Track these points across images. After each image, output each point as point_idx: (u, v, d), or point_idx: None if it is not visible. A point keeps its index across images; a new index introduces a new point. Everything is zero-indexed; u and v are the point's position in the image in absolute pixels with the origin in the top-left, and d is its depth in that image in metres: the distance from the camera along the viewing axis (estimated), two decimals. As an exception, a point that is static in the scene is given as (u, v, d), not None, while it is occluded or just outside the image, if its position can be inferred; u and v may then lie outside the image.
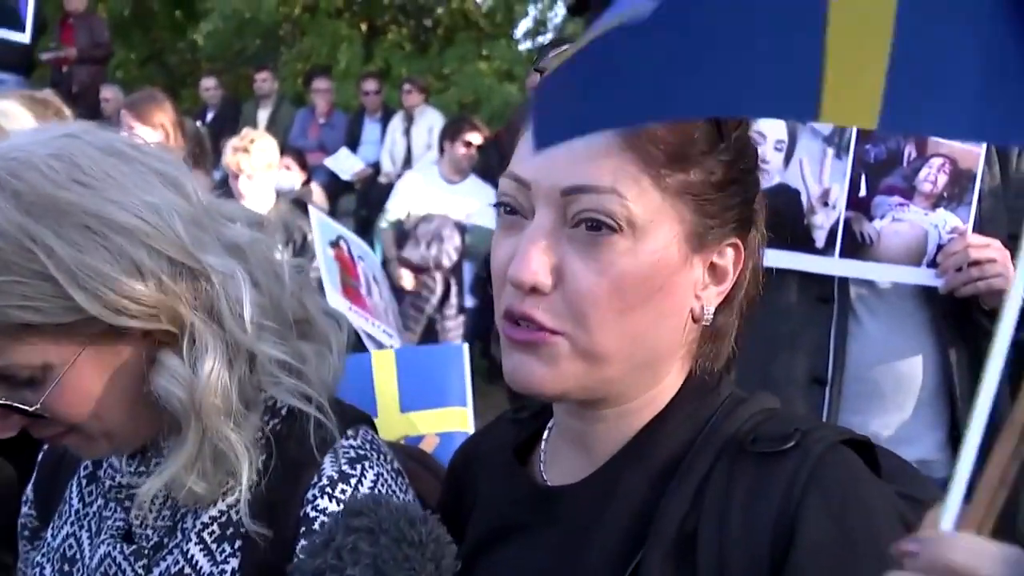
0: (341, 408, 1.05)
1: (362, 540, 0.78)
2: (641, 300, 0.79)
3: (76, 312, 0.87)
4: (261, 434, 0.99)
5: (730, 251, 0.84)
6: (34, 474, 1.18)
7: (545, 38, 13.19)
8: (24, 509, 1.18)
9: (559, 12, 12.84)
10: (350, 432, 1.02)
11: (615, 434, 0.86)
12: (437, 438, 1.67)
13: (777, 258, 1.79)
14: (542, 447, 0.95)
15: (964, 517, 0.56)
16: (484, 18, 12.79)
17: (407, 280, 4.90)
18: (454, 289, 4.94)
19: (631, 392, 0.85)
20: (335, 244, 2.69)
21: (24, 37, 2.83)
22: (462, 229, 4.97)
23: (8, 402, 0.91)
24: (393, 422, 1.65)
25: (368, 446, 1.02)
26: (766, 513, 0.76)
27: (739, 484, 0.78)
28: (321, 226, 2.68)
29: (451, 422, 1.72)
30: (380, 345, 2.52)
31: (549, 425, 0.96)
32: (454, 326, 4.92)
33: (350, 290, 2.61)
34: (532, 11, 13.01)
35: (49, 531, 1.11)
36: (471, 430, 1.72)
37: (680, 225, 0.80)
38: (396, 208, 5.31)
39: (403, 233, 5.01)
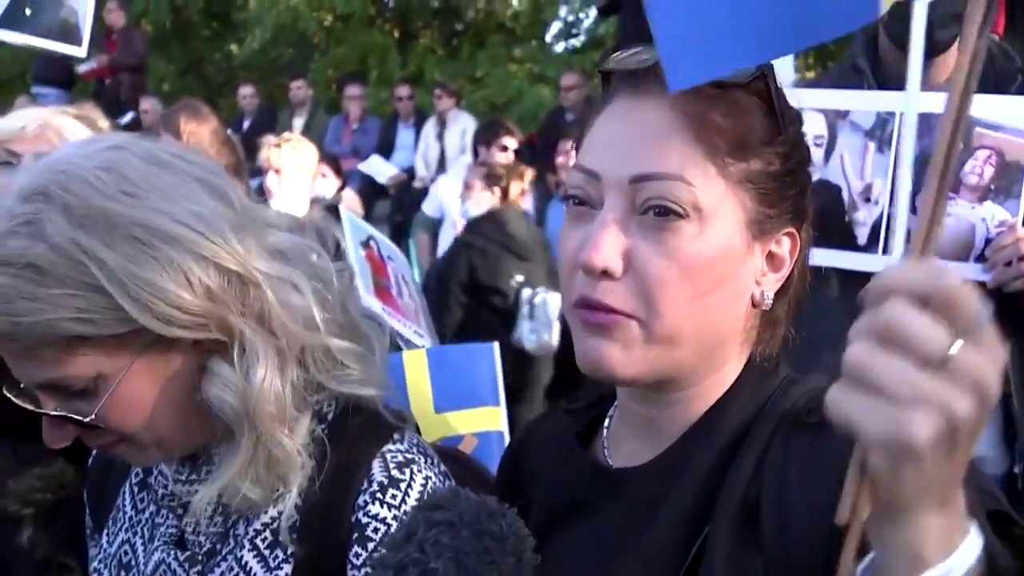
0: (386, 412, 1.05)
1: (443, 533, 0.78)
2: (709, 284, 0.82)
3: (128, 323, 0.88)
4: (310, 439, 1.00)
5: (787, 240, 0.87)
6: (87, 481, 1.20)
7: (577, 40, 13.19)
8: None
9: (590, 14, 12.82)
10: (396, 436, 1.02)
11: (682, 417, 0.89)
12: (475, 439, 1.67)
13: (819, 256, 1.75)
14: (604, 434, 0.97)
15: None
16: (514, 21, 12.81)
17: None
18: None
19: (697, 375, 0.88)
20: (366, 244, 2.70)
21: (81, 51, 2.91)
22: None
23: (63, 413, 0.92)
24: (430, 423, 1.66)
25: (415, 449, 1.03)
26: (825, 480, 0.75)
27: (796, 454, 0.81)
28: (352, 226, 2.68)
29: (485, 421, 1.72)
30: (412, 346, 2.52)
31: (610, 413, 0.98)
32: None
33: (381, 290, 2.62)
34: (563, 12, 13.01)
35: (104, 537, 1.13)
36: (504, 429, 1.73)
37: (743, 212, 0.84)
38: (430, 211, 5.31)
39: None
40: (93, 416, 0.91)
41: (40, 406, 0.93)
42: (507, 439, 1.72)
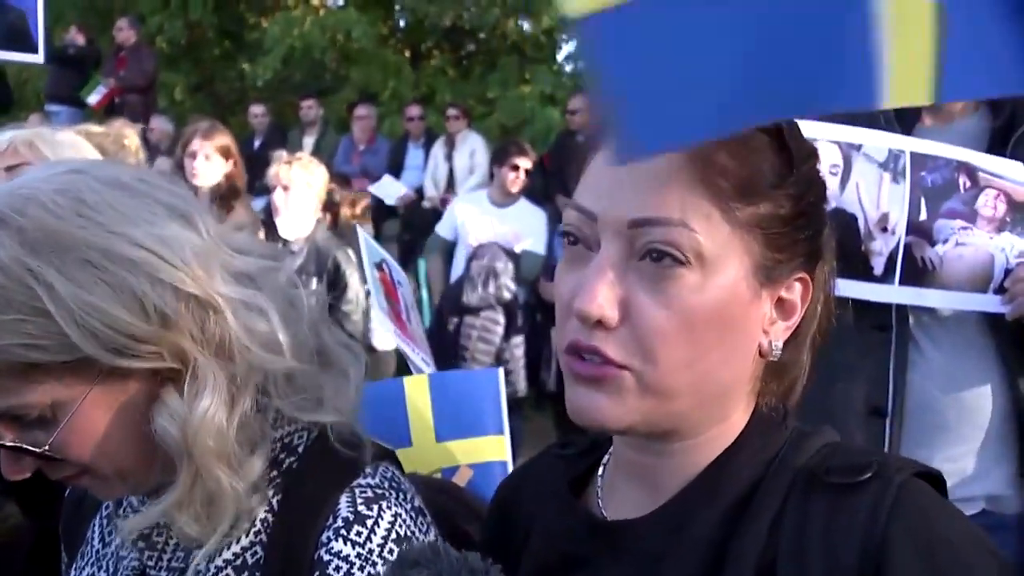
0: (360, 442, 1.02)
1: None
2: (710, 335, 0.78)
3: (77, 351, 0.86)
4: (276, 472, 0.97)
5: (798, 285, 0.82)
6: (61, 515, 1.17)
7: (587, 62, 13.20)
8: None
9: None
10: (368, 470, 0.99)
11: (682, 469, 0.84)
12: (471, 470, 1.63)
13: (836, 287, 1.73)
14: (598, 483, 0.93)
15: None
16: (526, 43, 12.86)
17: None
18: (518, 316, 4.88)
19: (698, 427, 0.83)
20: (379, 267, 2.69)
21: (38, 58, 2.87)
22: (514, 257, 4.92)
23: (17, 443, 0.89)
24: (430, 452, 1.61)
25: (387, 484, 0.99)
26: (848, 546, 0.74)
27: (815, 517, 0.77)
28: (368, 248, 2.67)
29: (488, 451, 1.67)
30: (419, 371, 2.50)
31: (604, 461, 0.94)
32: (520, 354, 4.87)
33: (394, 313, 2.60)
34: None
35: (73, 571, 1.10)
36: (508, 459, 1.69)
37: (749, 259, 0.78)
38: (445, 232, 5.30)
39: (458, 282, 4.96)
40: (48, 446, 0.88)
41: None
42: (511, 469, 1.69)
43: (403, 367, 2.69)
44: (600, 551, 0.86)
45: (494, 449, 1.67)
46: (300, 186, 3.92)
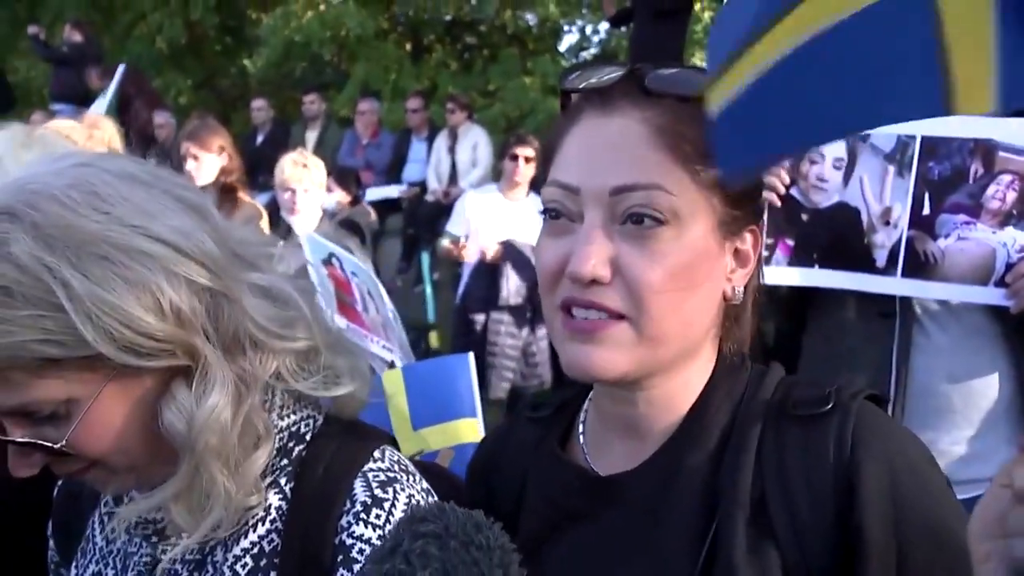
0: (364, 429, 1.03)
1: (431, 544, 0.77)
2: (690, 284, 0.87)
3: (92, 347, 0.85)
4: (287, 461, 0.98)
5: (749, 236, 0.93)
6: (52, 510, 1.16)
7: (588, 53, 13.20)
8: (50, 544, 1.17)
9: (601, 28, 12.84)
10: (376, 454, 1.00)
11: (664, 417, 0.93)
12: (452, 451, 1.67)
13: (837, 279, 1.74)
14: (580, 440, 0.99)
15: None
16: (528, 35, 12.84)
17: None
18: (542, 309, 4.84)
19: (675, 370, 0.91)
20: (327, 262, 2.67)
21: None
22: (519, 259, 4.90)
23: (32, 439, 0.88)
24: (407, 441, 1.65)
25: (397, 467, 1.00)
26: (823, 470, 0.84)
27: (791, 449, 0.86)
28: (312, 245, 2.66)
29: (463, 434, 1.72)
30: (379, 361, 2.51)
31: (581, 418, 1.01)
32: (545, 346, 4.85)
33: (345, 308, 2.59)
34: (577, 24, 13.03)
35: (73, 569, 1.09)
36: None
37: (713, 215, 0.88)
38: (456, 229, 5.29)
39: (479, 280, 4.94)
40: (64, 442, 0.88)
41: (6, 434, 0.89)
42: None
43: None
44: (598, 505, 0.93)
45: (468, 431, 1.72)
46: (313, 187, 3.95)
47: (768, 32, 0.62)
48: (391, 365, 2.46)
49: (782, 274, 1.77)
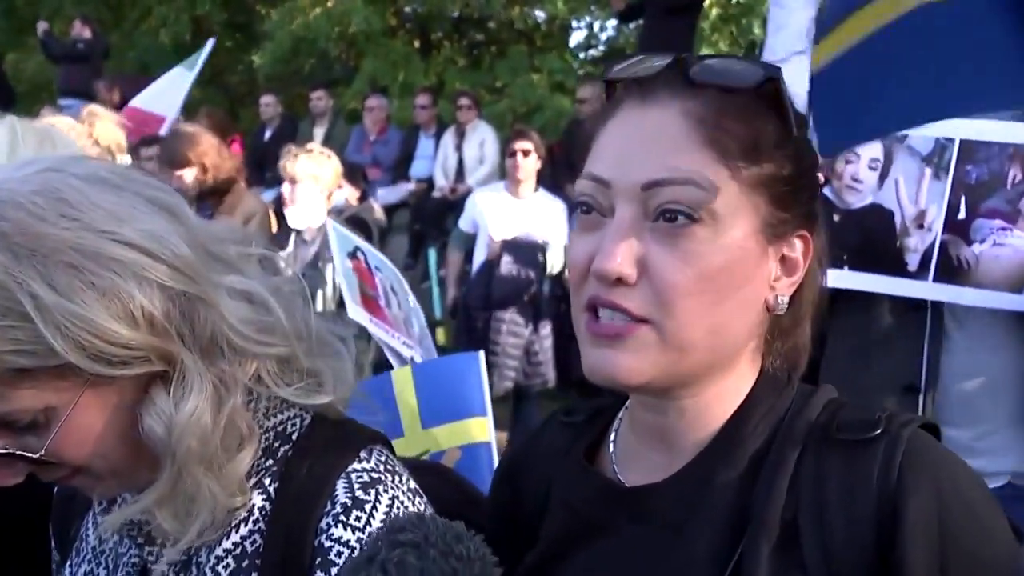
0: (353, 428, 1.01)
1: (409, 554, 0.75)
2: (724, 289, 0.81)
3: (61, 357, 0.83)
4: (272, 461, 0.97)
5: (799, 243, 0.87)
6: (51, 512, 1.16)
7: (597, 50, 13.17)
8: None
9: (610, 25, 12.80)
10: (363, 454, 0.98)
11: (697, 429, 0.88)
12: (459, 451, 1.65)
13: (867, 282, 1.72)
14: (611, 449, 0.95)
15: None
16: (536, 31, 12.81)
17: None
18: (545, 308, 4.84)
19: (709, 380, 0.86)
20: (353, 255, 2.67)
21: None
22: (538, 250, 4.86)
23: (12, 450, 0.87)
24: (417, 439, 1.65)
25: (382, 467, 0.98)
26: (866, 497, 0.78)
27: (832, 473, 0.81)
28: (339, 237, 2.66)
29: (472, 433, 1.71)
30: (401, 357, 2.50)
31: (615, 427, 0.96)
32: (549, 345, 4.84)
33: (369, 302, 2.59)
34: (585, 20, 13.01)
35: (68, 568, 1.09)
36: (491, 439, 1.72)
37: (756, 216, 0.82)
38: (465, 226, 5.25)
39: (483, 277, 4.90)
40: (44, 451, 0.87)
41: None
42: (495, 449, 1.71)
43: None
44: (621, 517, 0.88)
45: (478, 430, 1.70)
46: (307, 178, 3.89)
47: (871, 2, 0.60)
48: (411, 361, 2.44)
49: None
